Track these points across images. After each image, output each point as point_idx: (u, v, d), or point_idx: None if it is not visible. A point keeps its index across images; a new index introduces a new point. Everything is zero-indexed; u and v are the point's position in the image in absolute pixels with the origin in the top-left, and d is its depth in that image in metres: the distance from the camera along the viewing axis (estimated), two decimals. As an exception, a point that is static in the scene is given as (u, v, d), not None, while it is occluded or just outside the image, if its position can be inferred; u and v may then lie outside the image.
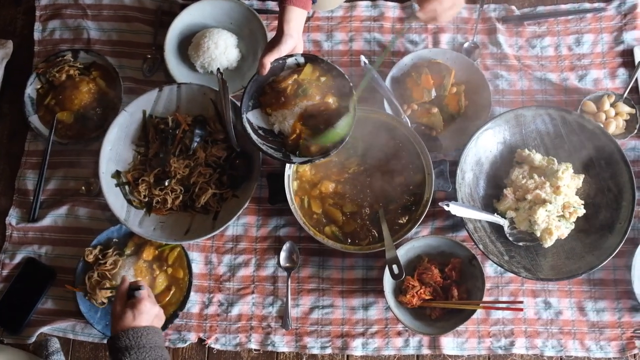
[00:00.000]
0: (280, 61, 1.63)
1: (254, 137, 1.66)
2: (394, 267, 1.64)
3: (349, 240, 1.77)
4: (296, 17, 1.57)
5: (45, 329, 1.81)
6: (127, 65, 2.02)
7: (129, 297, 1.55)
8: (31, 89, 1.97)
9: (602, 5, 2.03)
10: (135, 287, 1.56)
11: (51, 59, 1.98)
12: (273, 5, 2.06)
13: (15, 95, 1.99)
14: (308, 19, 2.04)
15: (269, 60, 1.57)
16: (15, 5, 2.12)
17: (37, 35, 2.07)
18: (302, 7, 1.58)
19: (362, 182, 1.81)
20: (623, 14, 2.01)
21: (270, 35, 1.98)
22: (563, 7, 2.04)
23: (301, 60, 1.66)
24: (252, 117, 1.69)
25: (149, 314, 1.52)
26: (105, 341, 1.81)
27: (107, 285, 1.77)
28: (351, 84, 1.63)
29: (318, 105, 1.65)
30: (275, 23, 2.03)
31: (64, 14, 2.08)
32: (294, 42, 1.59)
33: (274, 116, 1.68)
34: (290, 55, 1.63)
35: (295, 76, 1.66)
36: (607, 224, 1.74)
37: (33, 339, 1.80)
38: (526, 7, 2.05)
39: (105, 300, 1.78)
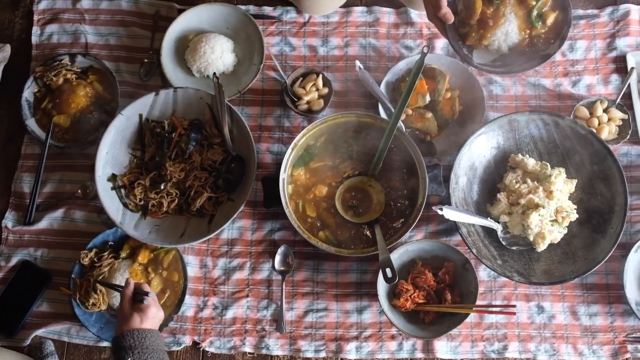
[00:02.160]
0: None
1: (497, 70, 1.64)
2: (387, 270, 1.64)
3: (343, 244, 1.78)
4: None
5: (40, 332, 1.81)
6: (124, 69, 2.04)
7: (135, 300, 1.57)
8: (28, 93, 1.98)
9: (595, 12, 2.04)
10: (142, 292, 1.57)
11: (48, 63, 1.99)
12: (269, 11, 2.07)
13: (12, 98, 1.99)
14: (304, 24, 2.05)
15: (445, 5, 1.55)
16: (13, 10, 2.14)
17: (34, 40, 2.08)
18: None
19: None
20: (616, 20, 2.02)
21: (267, 39, 2.00)
22: (557, 13, 2.06)
23: None
24: (477, 59, 1.63)
25: (155, 318, 1.55)
26: (100, 344, 1.82)
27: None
28: None
29: None
30: (272, 28, 2.05)
31: (61, 18, 2.09)
32: None
33: (493, 41, 1.61)
34: None
35: None
36: (600, 229, 1.75)
37: (28, 342, 1.81)
38: (520, 14, 2.07)
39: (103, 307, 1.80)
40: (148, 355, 1.45)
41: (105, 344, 1.81)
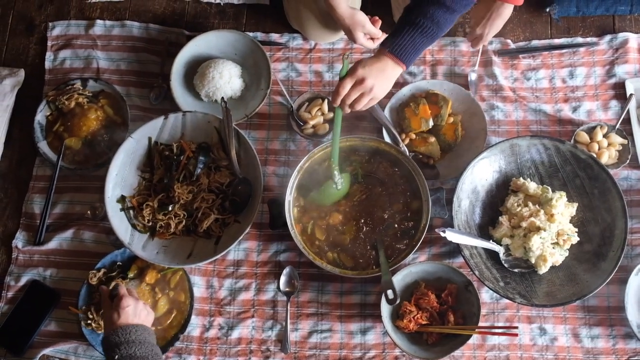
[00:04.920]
0: None
1: None
2: (389, 292, 1.66)
3: (349, 266, 1.79)
4: None
5: (47, 351, 1.83)
6: (134, 93, 2.08)
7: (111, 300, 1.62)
8: (41, 116, 2.03)
9: (594, 39, 2.09)
10: (113, 289, 1.63)
11: (61, 87, 2.04)
12: (276, 37, 2.12)
13: (25, 121, 2.04)
14: (310, 50, 2.10)
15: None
16: (28, 36, 2.19)
17: (48, 64, 2.13)
18: None
19: (363, 209, 1.85)
20: (615, 48, 2.07)
21: (274, 65, 2.05)
22: (557, 41, 2.11)
23: None
24: None
25: (133, 308, 1.57)
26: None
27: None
28: None
29: None
30: (278, 54, 2.10)
31: (74, 44, 2.15)
32: None
33: None
34: None
35: None
36: (601, 252, 1.77)
37: (36, 361, 1.83)
38: (521, 41, 2.11)
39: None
40: (136, 349, 1.47)
41: (112, 363, 1.83)
